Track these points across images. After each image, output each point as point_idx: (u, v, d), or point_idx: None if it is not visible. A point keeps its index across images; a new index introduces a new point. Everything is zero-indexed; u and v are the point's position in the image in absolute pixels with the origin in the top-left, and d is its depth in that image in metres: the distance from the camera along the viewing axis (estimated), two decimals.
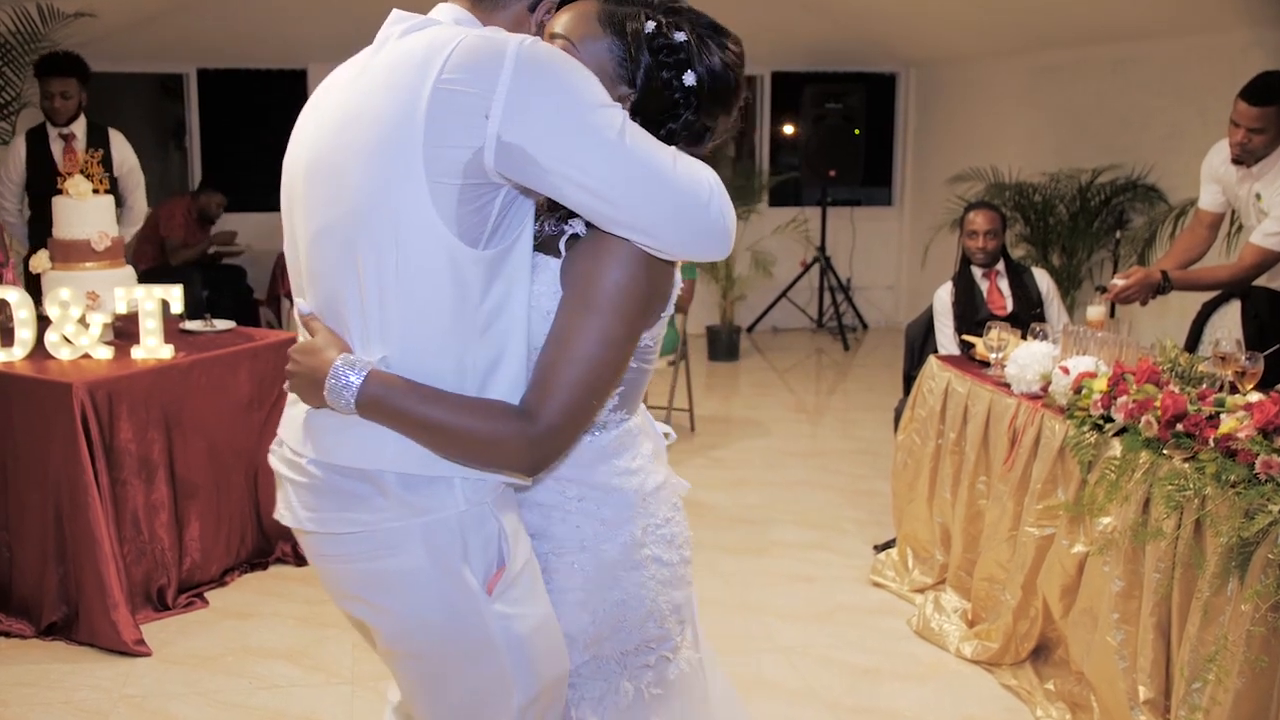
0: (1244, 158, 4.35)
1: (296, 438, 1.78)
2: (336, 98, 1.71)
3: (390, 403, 1.64)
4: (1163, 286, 4.48)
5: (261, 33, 8.68)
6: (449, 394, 1.66)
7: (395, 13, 1.75)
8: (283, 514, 1.81)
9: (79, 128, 5.86)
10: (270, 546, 4.51)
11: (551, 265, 1.73)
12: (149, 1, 8.19)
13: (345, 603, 1.84)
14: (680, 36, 1.79)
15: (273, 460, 1.86)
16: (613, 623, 1.88)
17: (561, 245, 1.73)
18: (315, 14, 8.56)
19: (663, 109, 1.80)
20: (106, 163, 5.91)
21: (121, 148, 6.01)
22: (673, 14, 1.81)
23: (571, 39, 1.76)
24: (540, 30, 1.79)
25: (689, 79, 1.81)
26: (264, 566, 4.47)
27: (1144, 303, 4.53)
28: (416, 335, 1.65)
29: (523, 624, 1.75)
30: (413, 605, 1.73)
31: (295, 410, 1.81)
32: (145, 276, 5.85)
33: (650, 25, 1.78)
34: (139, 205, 6.18)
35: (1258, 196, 4.46)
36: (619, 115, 1.60)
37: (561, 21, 1.79)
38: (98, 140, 5.90)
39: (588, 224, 1.71)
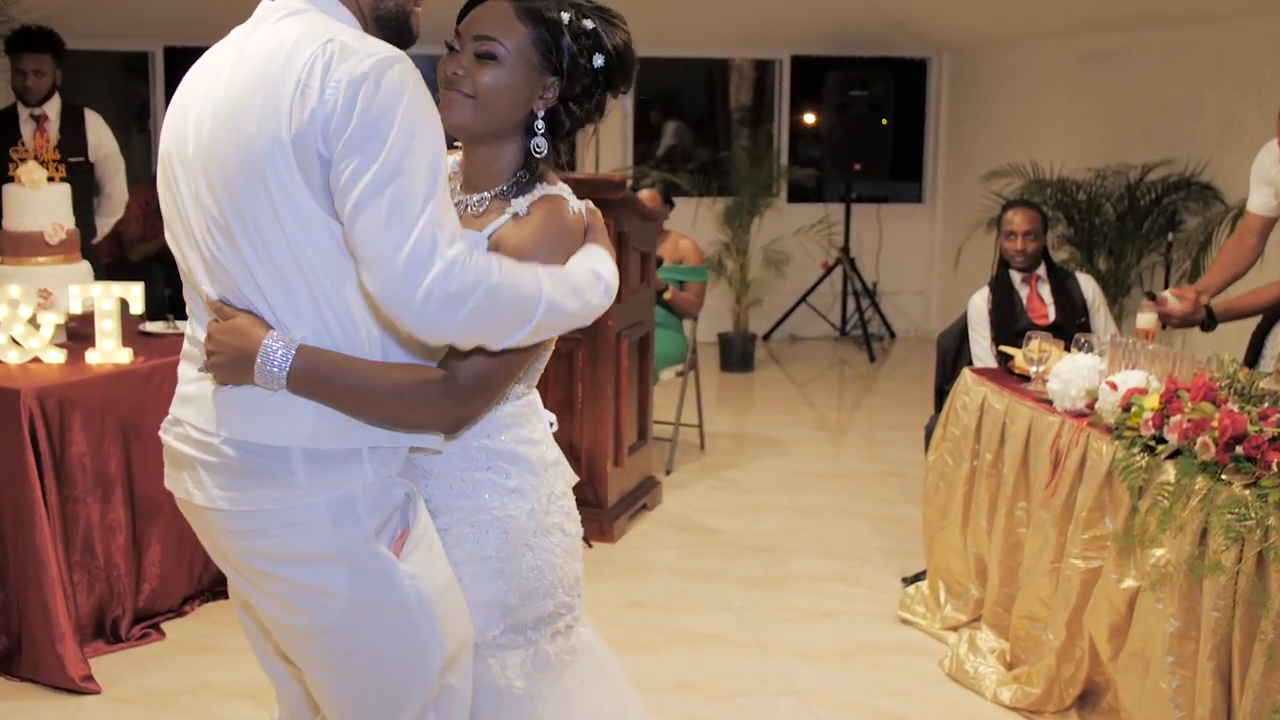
0: None
1: (205, 417, 1.99)
2: (212, 86, 1.94)
3: (321, 372, 1.91)
4: (1206, 324, 4.49)
5: (233, 8, 8.64)
6: (372, 361, 1.95)
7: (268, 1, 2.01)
8: (191, 493, 2.01)
9: (52, 108, 5.86)
10: None
11: (472, 240, 2.00)
12: None
13: (253, 582, 2.03)
14: (588, 23, 2.11)
15: (169, 439, 2.08)
16: (527, 589, 2.16)
17: (494, 226, 2.07)
18: None
19: (582, 92, 2.13)
20: (81, 146, 5.91)
21: (99, 130, 6.01)
22: (571, 3, 2.12)
23: (496, 36, 2.05)
24: None
25: (598, 60, 2.12)
26: (227, 595, 4.43)
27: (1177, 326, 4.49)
28: (323, 312, 1.92)
29: (429, 584, 2.01)
30: (323, 578, 1.96)
31: (197, 389, 2.02)
32: (102, 272, 5.84)
33: (565, 15, 2.09)
34: (118, 193, 6.19)
35: None
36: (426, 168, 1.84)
37: (481, 22, 2.07)
38: (73, 122, 5.91)
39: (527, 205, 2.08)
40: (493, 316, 1.87)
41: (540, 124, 2.12)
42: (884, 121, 9.48)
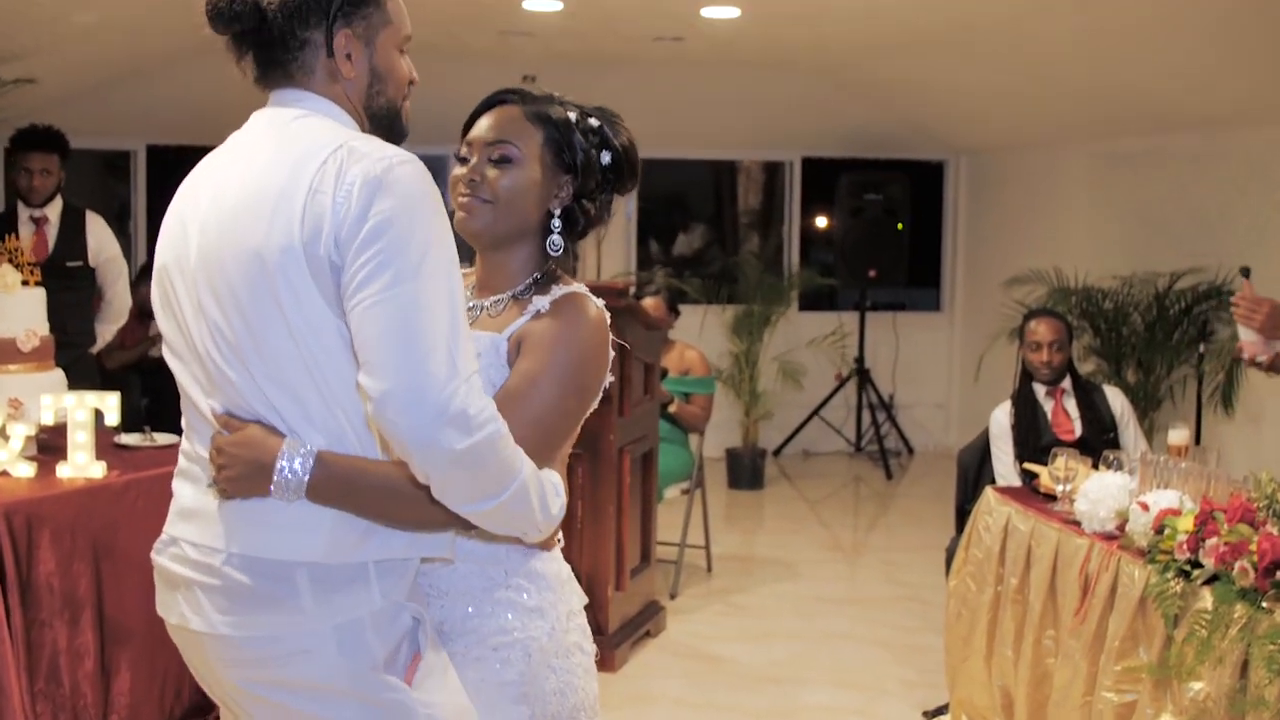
0: None
1: (208, 533, 2.00)
2: (215, 195, 2.01)
3: (342, 477, 1.94)
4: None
5: (218, 107, 8.75)
6: (389, 461, 1.97)
7: (268, 105, 2.12)
8: (188, 617, 2.00)
9: (53, 210, 5.95)
10: (208, 702, 4.43)
11: (492, 341, 2.13)
12: (95, 70, 8.36)
13: (253, 714, 2.03)
14: (594, 121, 2.27)
15: (163, 560, 2.08)
16: (551, 714, 2.16)
17: (515, 326, 2.15)
18: None
19: (595, 188, 2.27)
20: (80, 250, 5.98)
21: (100, 234, 6.09)
22: (573, 104, 2.28)
23: (511, 140, 2.19)
24: (352, 61, 2.07)
25: (606, 158, 2.27)
26: None
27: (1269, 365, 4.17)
28: (338, 418, 1.95)
29: (445, 713, 2.01)
30: (333, 711, 1.97)
31: (197, 504, 2.04)
32: (95, 379, 5.87)
33: (572, 114, 2.25)
34: (120, 299, 6.24)
35: None
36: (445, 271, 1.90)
37: (493, 129, 2.20)
38: (73, 224, 5.99)
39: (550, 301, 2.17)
40: (481, 466, 1.88)
41: (557, 222, 2.24)
42: (900, 226, 9.59)
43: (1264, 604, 3.02)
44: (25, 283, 4.45)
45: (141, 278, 8.26)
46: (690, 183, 10.73)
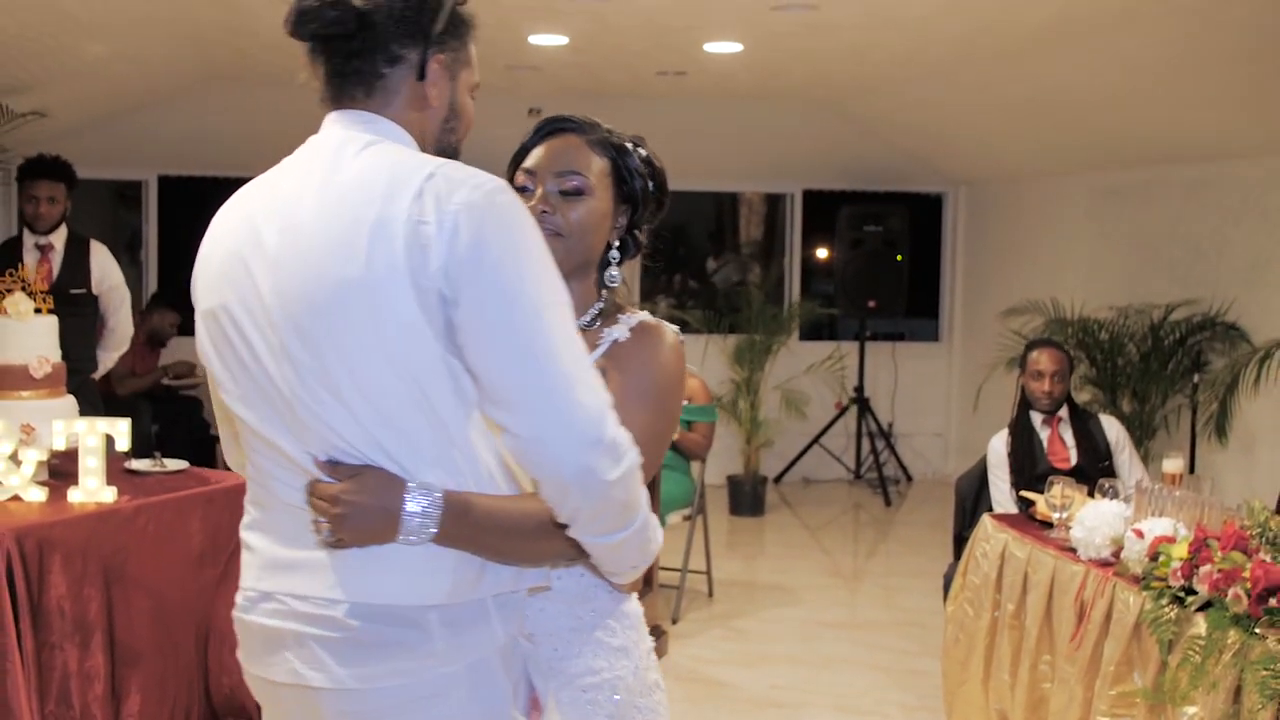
0: None
1: (320, 583, 1.86)
2: (285, 229, 1.85)
3: (471, 517, 1.83)
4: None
5: (230, 137, 8.87)
6: (507, 496, 1.89)
7: (329, 127, 1.96)
8: (304, 674, 1.86)
9: (58, 238, 5.98)
10: None
11: None
12: (107, 101, 8.40)
13: None
14: (643, 151, 2.23)
15: (260, 619, 1.93)
16: None
17: (604, 346, 2.10)
18: (290, 117, 8.70)
19: (647, 217, 2.23)
20: (84, 278, 6.01)
21: (104, 262, 6.11)
22: (616, 132, 2.24)
23: (580, 170, 2.12)
24: (438, 89, 1.97)
25: (651, 186, 2.22)
26: None
27: None
28: (451, 455, 1.84)
29: None
30: None
31: (295, 556, 1.90)
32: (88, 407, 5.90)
33: (627, 143, 2.21)
34: (123, 327, 6.26)
35: None
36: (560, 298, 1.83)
37: (560, 158, 2.14)
38: (77, 253, 6.02)
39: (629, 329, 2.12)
40: (625, 494, 1.84)
41: (615, 254, 2.21)
42: (899, 257, 9.60)
43: (1257, 630, 3.03)
44: (38, 311, 4.47)
45: (153, 306, 8.30)
46: (693, 214, 10.75)
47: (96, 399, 5.99)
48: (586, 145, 2.16)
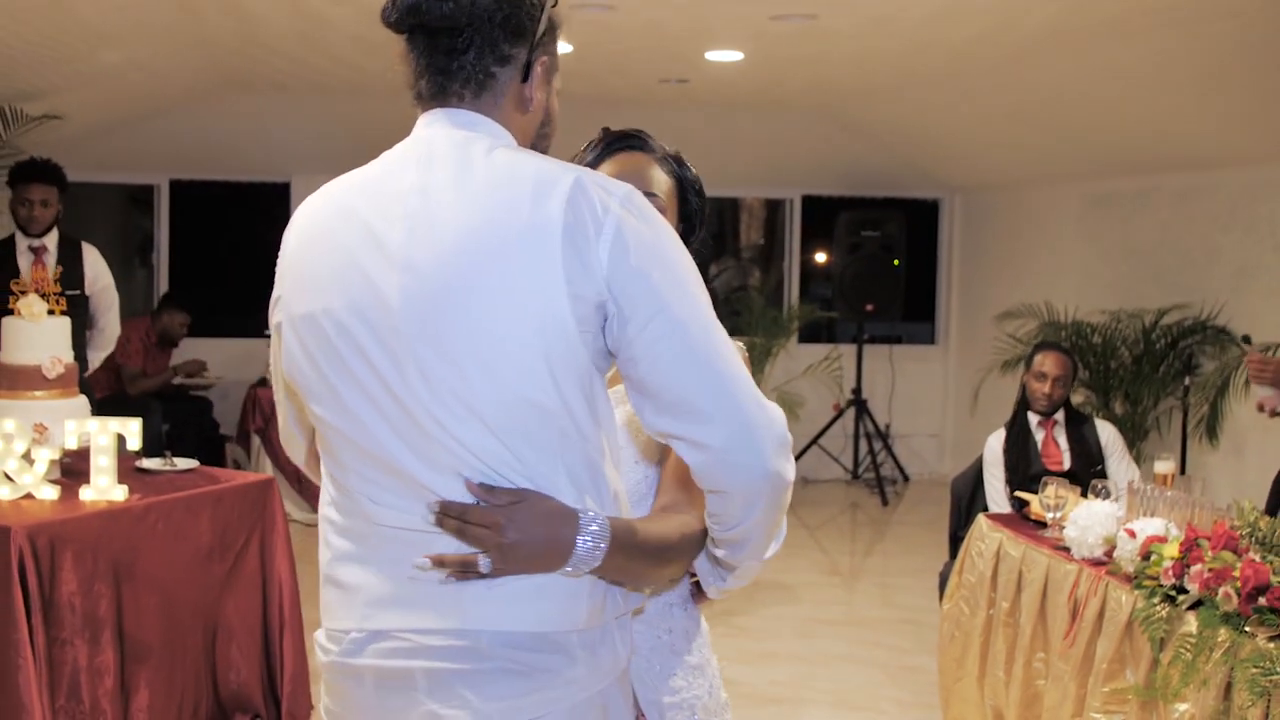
0: None
1: (448, 618, 1.71)
2: (412, 233, 1.70)
3: (629, 543, 1.72)
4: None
5: (242, 141, 8.88)
6: (646, 517, 1.85)
7: (432, 125, 1.81)
8: (446, 715, 1.70)
9: (51, 240, 5.97)
10: (226, 719, 4.43)
11: None
12: (120, 107, 8.40)
13: None
14: (692, 171, 2.21)
15: (376, 660, 1.76)
16: None
17: None
18: (301, 122, 8.76)
19: (695, 234, 2.20)
20: (78, 279, 6.00)
21: (95, 264, 6.10)
22: (664, 148, 2.19)
23: (656, 191, 2.09)
24: (540, 92, 1.87)
25: (702, 205, 2.21)
26: None
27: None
28: (592, 478, 1.74)
29: None
30: None
31: (409, 590, 1.73)
32: (100, 406, 5.90)
33: (681, 166, 2.18)
34: (111, 327, 6.25)
35: None
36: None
37: (637, 177, 2.04)
38: (70, 254, 6.00)
39: None
40: (789, 494, 1.78)
41: None
42: (896, 262, 9.59)
43: (1247, 628, 3.02)
44: (51, 312, 4.47)
45: (164, 307, 8.29)
46: None
47: (91, 396, 5.98)
48: (656, 164, 2.12)
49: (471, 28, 1.76)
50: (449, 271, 1.66)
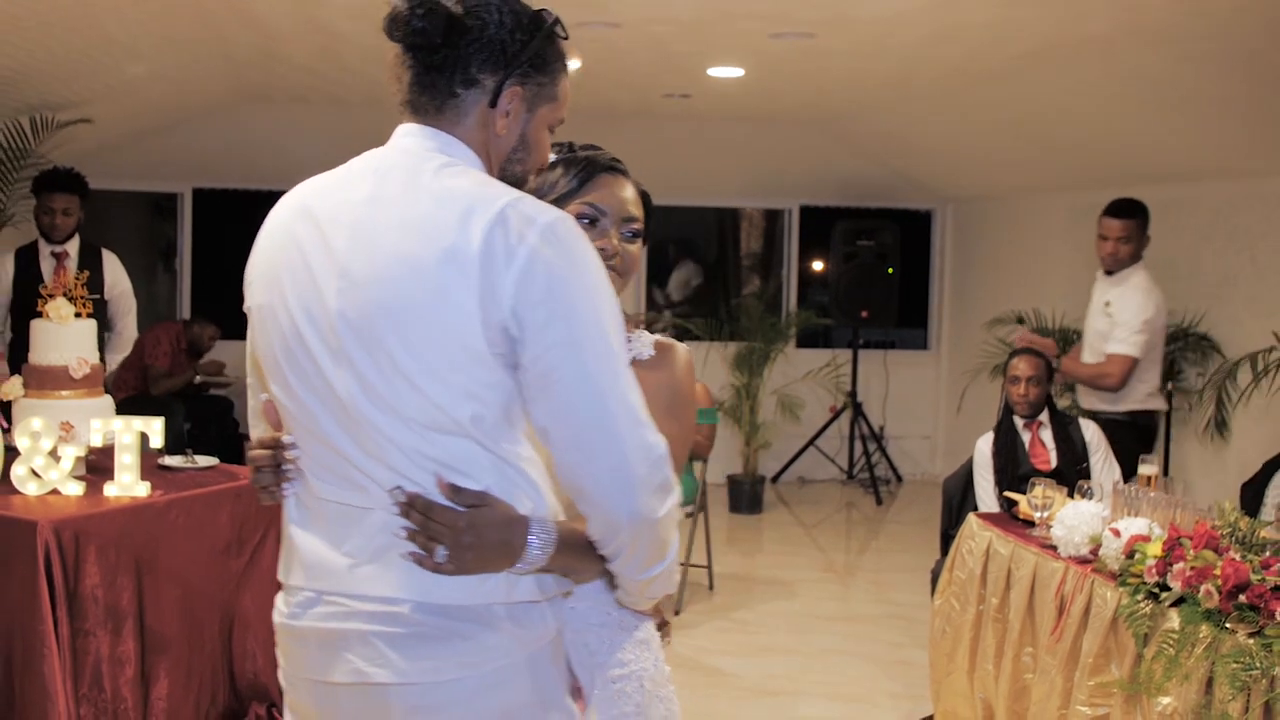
0: (1113, 266, 5.69)
1: (381, 585, 1.78)
2: (354, 240, 1.78)
3: (565, 543, 1.81)
4: (1054, 363, 5.39)
5: (261, 151, 8.88)
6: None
7: (400, 138, 1.89)
8: (368, 672, 1.78)
9: (72, 247, 6.00)
10: (243, 708, 4.42)
11: None
12: (145, 118, 8.40)
13: None
14: (643, 189, 2.24)
15: (312, 622, 1.84)
16: None
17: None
18: (318, 133, 8.75)
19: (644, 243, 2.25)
20: (98, 284, 6.01)
21: (114, 270, 6.12)
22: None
23: (639, 218, 2.16)
24: (510, 119, 1.90)
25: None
26: None
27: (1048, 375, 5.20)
28: (507, 475, 1.79)
29: None
30: None
31: (347, 558, 1.81)
32: (124, 406, 5.91)
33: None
34: (128, 331, 6.26)
35: (1106, 304, 5.62)
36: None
37: (628, 205, 2.14)
38: (90, 260, 6.02)
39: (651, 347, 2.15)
40: (667, 530, 1.82)
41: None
42: (890, 270, 9.58)
43: (1227, 625, 3.00)
44: (78, 315, 4.47)
45: (195, 319, 8.30)
46: (696, 228, 10.74)
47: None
48: (638, 195, 2.19)
49: (447, 47, 1.82)
50: (379, 283, 1.73)
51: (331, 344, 1.77)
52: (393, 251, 1.74)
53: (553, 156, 2.16)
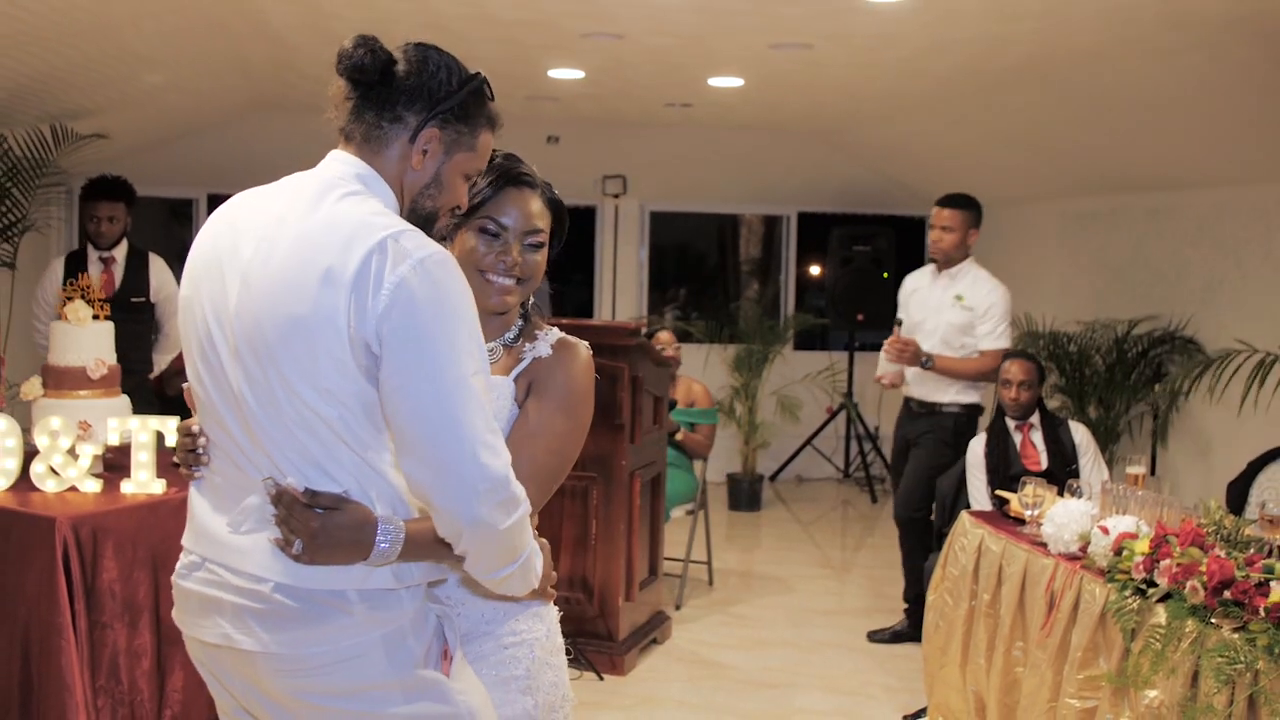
0: (941, 256, 5.76)
1: (254, 563, 1.94)
2: (257, 251, 1.93)
3: (414, 542, 1.93)
4: (925, 362, 5.55)
5: (274, 159, 8.84)
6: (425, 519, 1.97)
7: (325, 162, 2.06)
8: (234, 638, 1.94)
9: (120, 252, 6.02)
10: None
11: (502, 383, 2.18)
12: (161, 126, 8.41)
13: (301, 714, 1.98)
14: (556, 192, 2.34)
15: (193, 585, 2.02)
16: (549, 703, 2.24)
17: (518, 370, 2.22)
18: (327, 142, 8.74)
19: (557, 246, 2.35)
20: (144, 288, 6.04)
21: (160, 273, 6.14)
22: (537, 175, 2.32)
23: (543, 229, 2.24)
24: (426, 158, 2.03)
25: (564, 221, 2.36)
26: None
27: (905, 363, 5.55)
28: (367, 475, 1.93)
29: (475, 698, 2.06)
30: (380, 705, 1.96)
31: (238, 539, 1.97)
32: (138, 406, 5.91)
33: (552, 191, 2.31)
34: (176, 332, 6.26)
35: (958, 297, 5.68)
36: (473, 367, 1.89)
37: (531, 219, 2.22)
38: (137, 265, 6.05)
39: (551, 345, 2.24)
40: (511, 539, 1.92)
41: (547, 284, 2.35)
42: (885, 275, 9.57)
43: (1213, 620, 3.00)
44: (95, 317, 4.46)
45: None
46: (697, 234, 10.74)
47: (152, 398, 6.00)
48: (543, 204, 2.26)
49: (382, 84, 1.99)
50: (269, 293, 1.88)
51: (230, 342, 1.93)
52: (284, 265, 1.88)
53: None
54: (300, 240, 1.90)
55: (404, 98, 2.00)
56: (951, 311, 5.71)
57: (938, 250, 5.82)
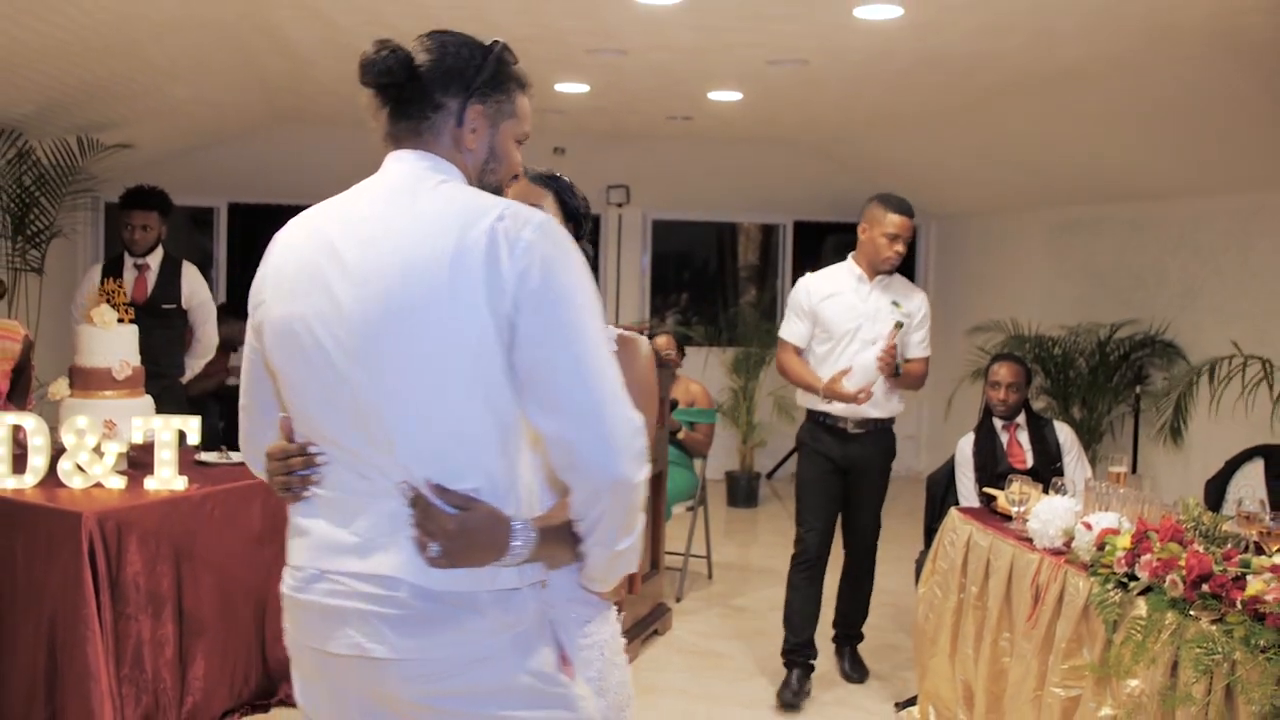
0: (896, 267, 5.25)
1: (389, 566, 1.82)
2: (365, 250, 1.84)
3: (546, 539, 1.86)
4: (898, 370, 5.09)
5: (293, 169, 8.89)
6: (552, 512, 1.94)
7: (394, 162, 1.97)
8: (366, 647, 1.83)
9: (154, 259, 6.02)
10: (273, 688, 4.41)
11: None
12: (184, 135, 8.42)
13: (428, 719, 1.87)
14: (567, 178, 2.37)
15: (317, 597, 1.89)
16: (619, 703, 2.17)
17: None
18: (345, 153, 8.74)
19: (584, 234, 2.37)
20: (177, 295, 6.04)
21: (193, 280, 6.14)
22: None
23: (541, 203, 2.24)
24: (477, 135, 1.98)
25: (573, 204, 2.39)
26: (265, 709, 4.36)
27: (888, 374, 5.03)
28: (510, 471, 1.85)
29: (592, 705, 1.98)
30: (511, 704, 1.86)
31: (351, 540, 1.86)
32: (161, 406, 5.92)
33: (555, 179, 2.34)
34: (208, 338, 6.28)
35: (895, 304, 5.20)
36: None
37: (521, 195, 2.18)
38: (171, 272, 6.05)
39: None
40: (640, 498, 1.88)
41: None
42: None
43: (1191, 612, 3.00)
44: (121, 321, 4.47)
45: (224, 316, 8.29)
46: (697, 241, 10.73)
47: (182, 399, 6.01)
48: (531, 182, 2.31)
49: (412, 81, 1.93)
50: (391, 289, 1.80)
51: (347, 346, 1.83)
52: (403, 259, 1.80)
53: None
54: (412, 233, 1.83)
55: (438, 85, 1.94)
56: (890, 319, 5.25)
57: (897, 259, 5.26)
